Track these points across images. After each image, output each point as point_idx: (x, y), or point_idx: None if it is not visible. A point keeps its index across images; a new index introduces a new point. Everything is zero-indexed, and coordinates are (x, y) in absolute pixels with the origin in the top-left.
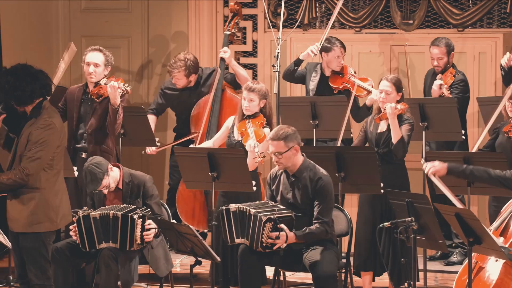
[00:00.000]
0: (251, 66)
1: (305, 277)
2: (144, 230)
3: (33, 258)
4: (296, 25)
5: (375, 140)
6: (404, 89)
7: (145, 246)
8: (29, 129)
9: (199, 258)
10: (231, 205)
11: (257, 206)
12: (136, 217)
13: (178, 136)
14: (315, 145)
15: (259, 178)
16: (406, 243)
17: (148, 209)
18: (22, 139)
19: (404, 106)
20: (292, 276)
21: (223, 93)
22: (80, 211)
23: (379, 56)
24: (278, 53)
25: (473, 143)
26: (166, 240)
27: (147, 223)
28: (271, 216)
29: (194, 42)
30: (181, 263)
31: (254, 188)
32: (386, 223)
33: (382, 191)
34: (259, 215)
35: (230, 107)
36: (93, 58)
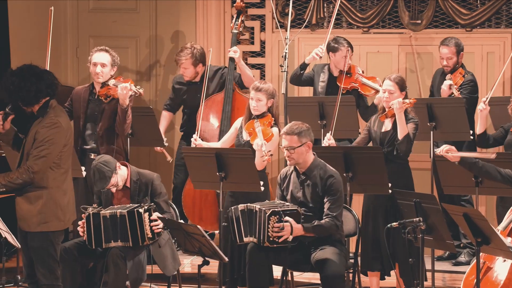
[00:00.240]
0: (259, 66)
1: (313, 277)
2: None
3: (42, 258)
4: (304, 25)
5: (379, 139)
6: (413, 89)
7: (156, 240)
8: (35, 128)
9: (207, 258)
10: (240, 205)
11: (265, 204)
12: (142, 210)
13: (184, 134)
14: (322, 145)
15: (267, 178)
16: (414, 243)
17: (152, 203)
18: (29, 138)
19: (412, 100)
20: (300, 276)
21: (233, 93)
22: (90, 208)
23: (387, 56)
24: (286, 53)
25: None
26: (174, 240)
27: (153, 216)
28: (275, 209)
29: (202, 42)
30: (191, 263)
31: (262, 188)
32: (394, 223)
33: (390, 191)
34: (263, 209)
35: (242, 107)
36: (99, 58)
